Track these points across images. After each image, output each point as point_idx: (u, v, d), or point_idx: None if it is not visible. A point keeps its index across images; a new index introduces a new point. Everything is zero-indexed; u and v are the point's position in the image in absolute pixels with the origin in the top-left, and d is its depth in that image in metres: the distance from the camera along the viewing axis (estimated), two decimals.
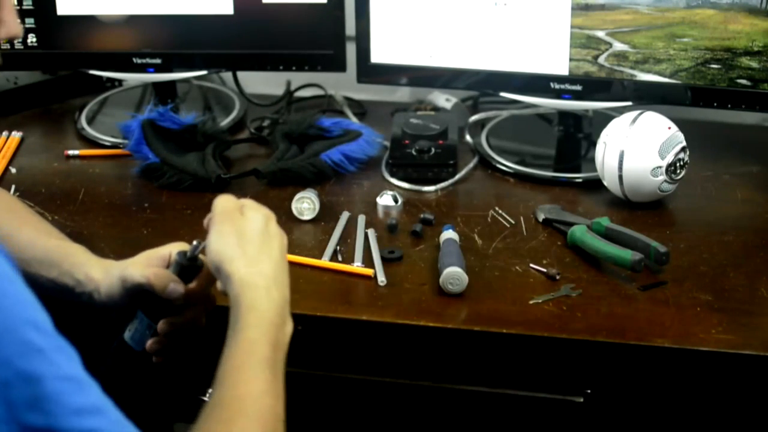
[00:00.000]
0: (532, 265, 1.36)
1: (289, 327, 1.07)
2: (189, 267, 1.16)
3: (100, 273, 1.20)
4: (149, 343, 1.17)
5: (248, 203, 1.14)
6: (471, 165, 1.63)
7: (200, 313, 1.20)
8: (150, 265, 1.17)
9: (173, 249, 1.19)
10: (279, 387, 1.01)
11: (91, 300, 1.20)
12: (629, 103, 1.58)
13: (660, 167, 1.45)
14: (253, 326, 1.04)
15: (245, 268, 1.07)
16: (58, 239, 1.27)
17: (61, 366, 0.85)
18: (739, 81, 1.51)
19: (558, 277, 1.33)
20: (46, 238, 1.26)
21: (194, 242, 1.16)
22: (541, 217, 1.47)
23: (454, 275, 1.29)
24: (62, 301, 1.22)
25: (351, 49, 1.68)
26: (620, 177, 1.47)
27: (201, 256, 1.15)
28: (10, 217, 1.29)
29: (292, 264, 1.36)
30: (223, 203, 1.12)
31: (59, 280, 1.21)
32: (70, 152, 1.69)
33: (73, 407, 0.83)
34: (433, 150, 1.61)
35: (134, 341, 1.18)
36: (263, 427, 0.97)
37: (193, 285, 1.17)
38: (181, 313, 1.18)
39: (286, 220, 1.47)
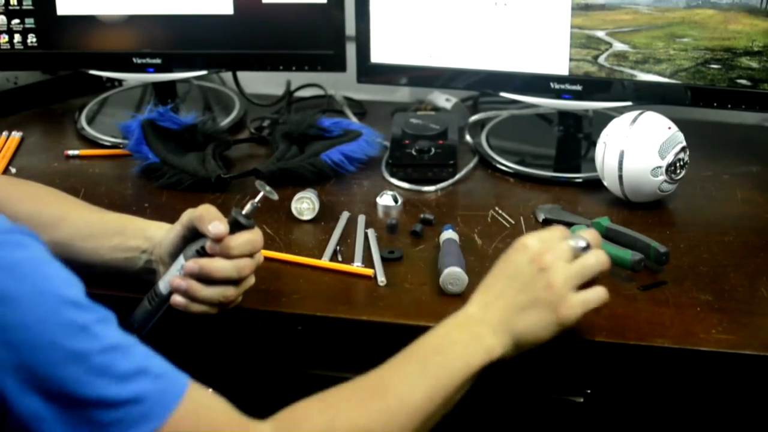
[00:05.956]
0: None
1: (484, 343, 1.11)
2: (239, 224, 1.18)
3: (160, 230, 1.26)
4: (176, 278, 1.19)
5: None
6: (471, 165, 1.63)
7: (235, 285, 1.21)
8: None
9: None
10: (428, 386, 1.06)
11: (149, 262, 1.25)
12: (629, 103, 1.58)
13: (660, 167, 1.45)
14: (437, 336, 1.12)
15: (478, 306, 1.13)
16: (113, 213, 1.32)
17: (104, 337, 0.89)
18: (739, 81, 1.51)
19: None
20: (101, 214, 1.31)
21: (253, 201, 1.19)
22: (541, 217, 1.47)
23: (454, 275, 1.29)
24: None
25: (351, 49, 1.68)
26: (620, 177, 1.47)
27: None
28: (59, 202, 1.33)
29: (292, 264, 1.37)
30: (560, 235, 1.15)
31: (124, 245, 1.25)
32: (70, 152, 1.69)
33: (120, 375, 0.89)
34: (433, 150, 1.60)
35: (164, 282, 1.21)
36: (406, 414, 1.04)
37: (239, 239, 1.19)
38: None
39: (286, 220, 1.47)
